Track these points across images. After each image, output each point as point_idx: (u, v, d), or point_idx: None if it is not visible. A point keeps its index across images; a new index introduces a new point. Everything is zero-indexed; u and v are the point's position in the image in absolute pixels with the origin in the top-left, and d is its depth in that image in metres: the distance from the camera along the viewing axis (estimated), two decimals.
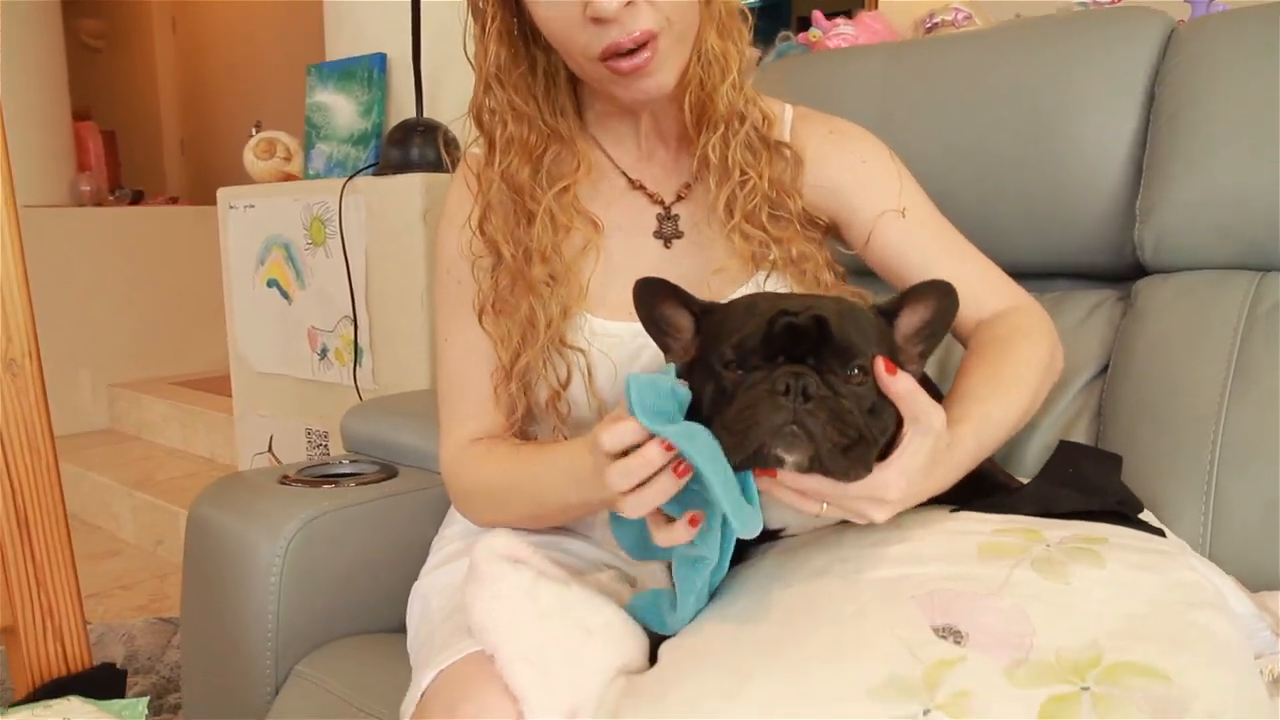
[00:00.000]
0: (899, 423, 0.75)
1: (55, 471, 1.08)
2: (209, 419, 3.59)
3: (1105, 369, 1.20)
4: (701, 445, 0.72)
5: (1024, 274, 1.21)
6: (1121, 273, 1.26)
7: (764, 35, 1.71)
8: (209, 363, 4.18)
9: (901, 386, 0.73)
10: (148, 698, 0.83)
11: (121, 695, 0.98)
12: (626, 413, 0.74)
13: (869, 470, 0.73)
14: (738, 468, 0.73)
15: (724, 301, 0.86)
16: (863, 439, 0.73)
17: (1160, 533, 0.83)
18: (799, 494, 0.75)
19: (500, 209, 1.01)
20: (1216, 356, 1.08)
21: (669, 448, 0.72)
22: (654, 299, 0.86)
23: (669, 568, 0.86)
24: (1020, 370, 0.93)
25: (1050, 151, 1.25)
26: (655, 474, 0.73)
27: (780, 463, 0.72)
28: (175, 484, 3.26)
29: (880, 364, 0.74)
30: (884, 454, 0.75)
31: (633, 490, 0.74)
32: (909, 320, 0.84)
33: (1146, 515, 0.89)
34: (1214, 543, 1.01)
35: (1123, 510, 0.83)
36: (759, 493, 0.76)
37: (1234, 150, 1.13)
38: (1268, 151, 1.11)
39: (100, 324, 4.13)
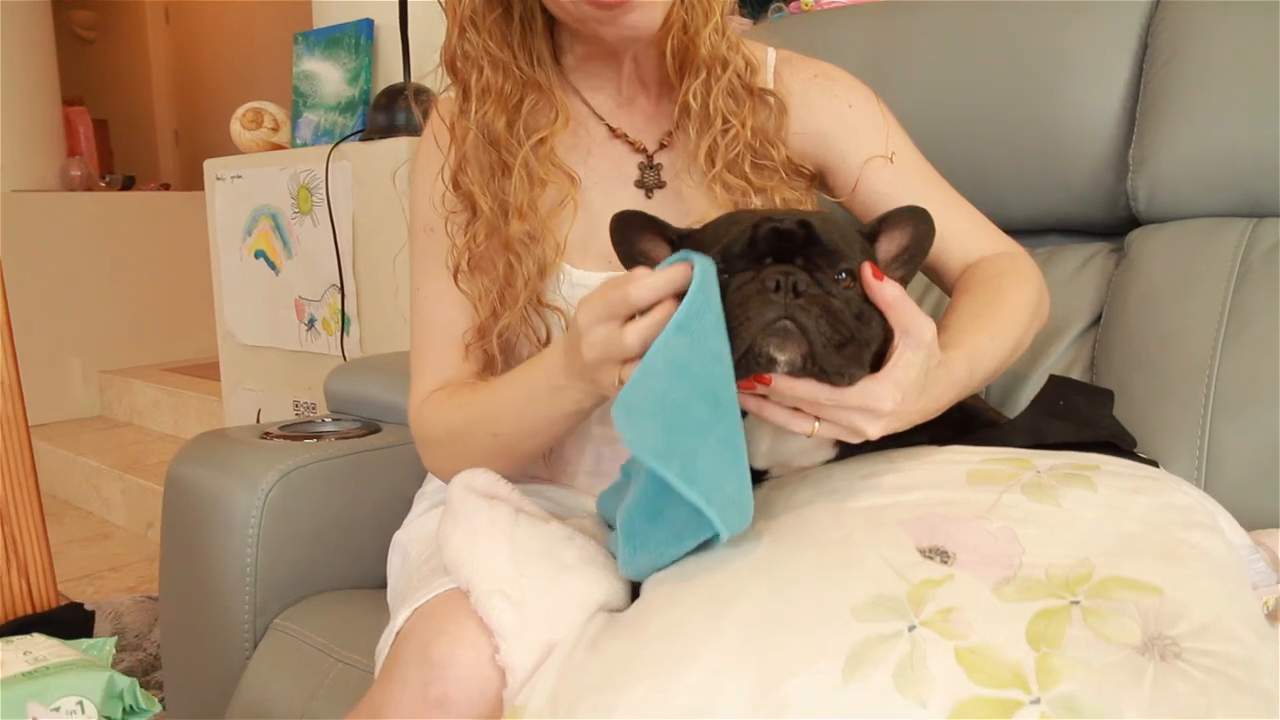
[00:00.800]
0: (886, 339, 0.73)
1: (20, 403, 1.06)
2: (201, 404, 3.56)
3: (1098, 320, 1.19)
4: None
5: (1016, 230, 1.19)
6: (1114, 226, 1.24)
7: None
8: (201, 350, 4.15)
9: (890, 293, 0.71)
10: (115, 637, 0.81)
11: (89, 635, 0.96)
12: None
13: (864, 370, 0.71)
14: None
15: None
16: (855, 339, 0.70)
17: (1154, 464, 0.81)
18: (789, 412, 0.73)
19: (475, 161, 0.98)
20: (1210, 301, 1.06)
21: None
22: (631, 232, 0.84)
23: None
24: (1010, 307, 0.91)
25: (1042, 103, 1.23)
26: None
27: (772, 364, 0.69)
28: (166, 467, 3.23)
29: (868, 269, 0.72)
30: (874, 369, 0.73)
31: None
32: (887, 246, 0.82)
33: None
34: (1208, 487, 0.99)
35: (1116, 442, 0.81)
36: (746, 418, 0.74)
37: (1227, 98, 1.11)
38: (1261, 99, 1.09)
39: (90, 311, 4.11)
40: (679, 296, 0.70)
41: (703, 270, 0.69)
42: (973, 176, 1.20)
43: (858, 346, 0.71)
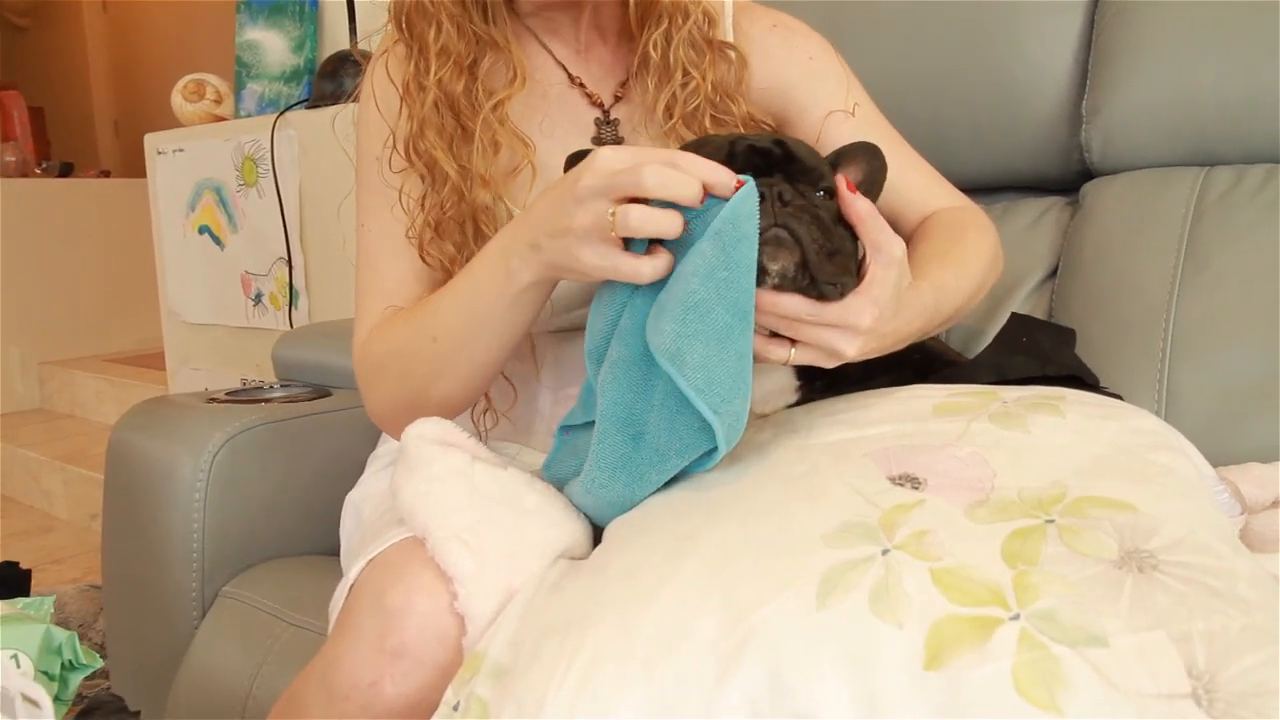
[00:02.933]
0: (859, 262, 0.72)
1: None
2: (146, 394, 3.46)
3: (1055, 272, 1.19)
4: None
5: (973, 188, 1.19)
6: (1069, 181, 1.25)
7: None
8: (145, 340, 4.05)
9: (864, 207, 0.70)
10: (53, 596, 0.77)
11: (26, 595, 0.91)
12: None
13: (854, 279, 0.70)
14: None
15: None
16: (842, 250, 0.69)
17: (1119, 398, 0.80)
18: (764, 338, 0.71)
19: (434, 126, 0.93)
20: (1165, 247, 1.06)
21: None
22: None
23: None
24: (971, 250, 0.91)
25: (996, 59, 1.23)
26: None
27: (763, 276, 0.67)
28: None
29: (843, 181, 0.71)
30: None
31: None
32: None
33: None
34: None
35: (1080, 377, 0.81)
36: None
37: (1179, 48, 1.12)
38: (1212, 48, 1.10)
39: (29, 300, 3.98)
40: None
41: (752, 186, 0.66)
42: (929, 135, 1.19)
43: (845, 257, 0.70)
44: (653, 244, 0.69)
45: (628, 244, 0.69)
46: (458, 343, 0.85)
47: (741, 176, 0.66)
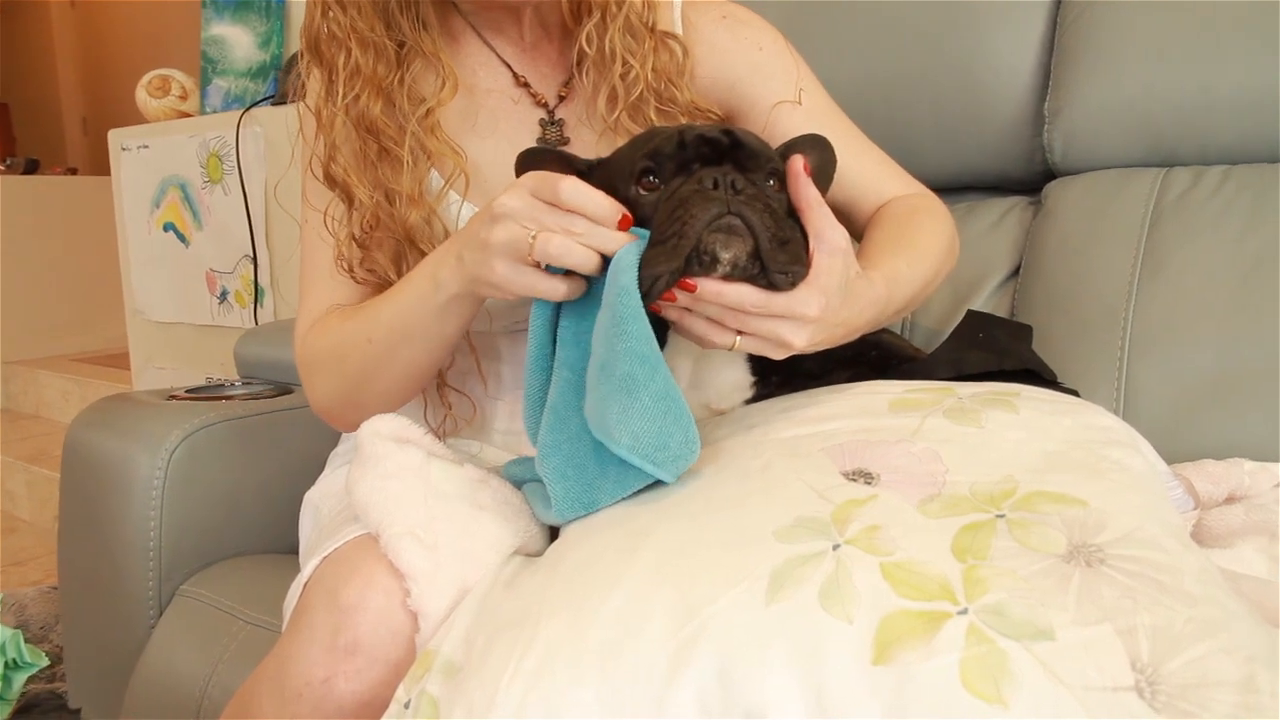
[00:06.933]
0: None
1: None
2: (112, 393, 3.43)
3: (1017, 271, 1.19)
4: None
5: (936, 188, 1.19)
6: (1031, 182, 1.25)
7: None
8: (111, 339, 4.00)
9: (812, 194, 0.70)
10: (1, 594, 0.76)
11: None
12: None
13: (805, 267, 0.69)
14: (670, 277, 0.68)
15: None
16: (793, 238, 0.69)
17: (1074, 394, 0.81)
18: (709, 324, 0.71)
19: (349, 148, 0.90)
20: (1125, 247, 1.07)
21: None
22: (538, 167, 0.81)
23: None
24: (925, 238, 0.91)
25: (959, 60, 1.23)
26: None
27: (715, 264, 0.68)
28: None
29: (799, 160, 0.71)
30: None
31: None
32: None
33: None
34: None
35: (1037, 371, 0.81)
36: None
37: (1140, 50, 1.12)
38: (1172, 51, 1.10)
39: None
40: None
41: (632, 245, 0.69)
42: (893, 136, 1.19)
43: (797, 245, 0.70)
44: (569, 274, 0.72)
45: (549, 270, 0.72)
46: (391, 346, 0.86)
47: (636, 231, 0.69)
